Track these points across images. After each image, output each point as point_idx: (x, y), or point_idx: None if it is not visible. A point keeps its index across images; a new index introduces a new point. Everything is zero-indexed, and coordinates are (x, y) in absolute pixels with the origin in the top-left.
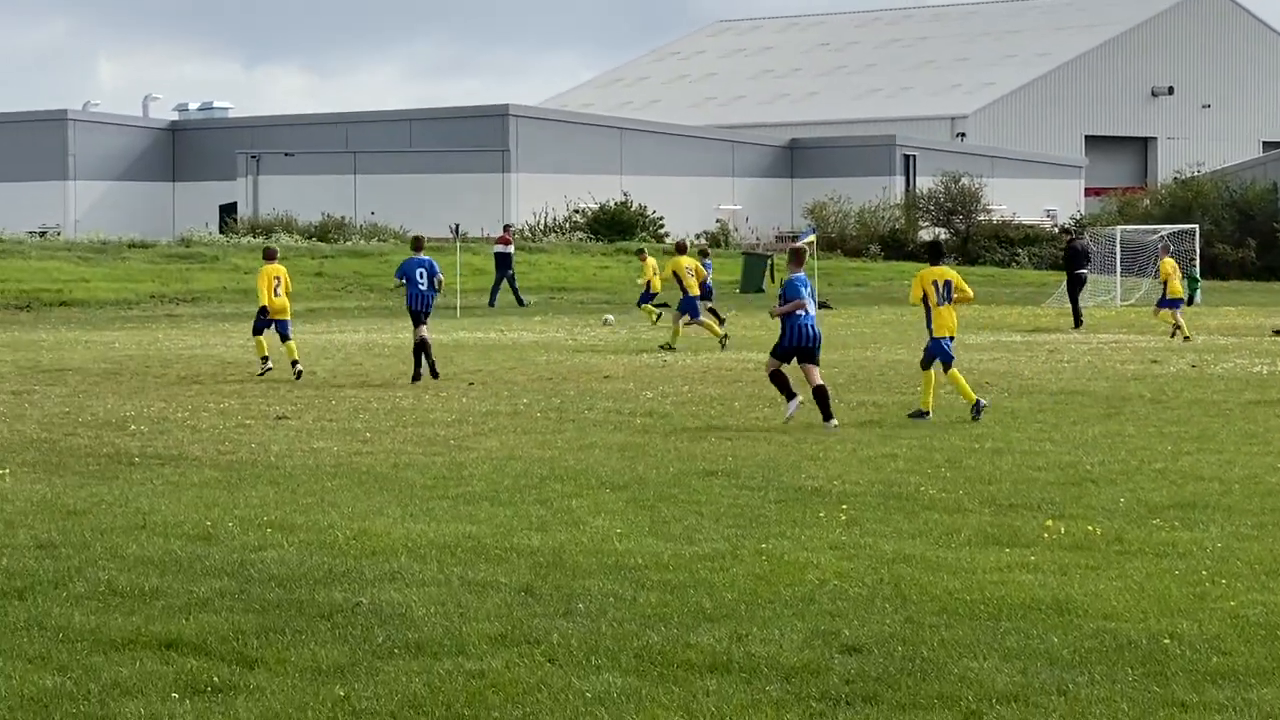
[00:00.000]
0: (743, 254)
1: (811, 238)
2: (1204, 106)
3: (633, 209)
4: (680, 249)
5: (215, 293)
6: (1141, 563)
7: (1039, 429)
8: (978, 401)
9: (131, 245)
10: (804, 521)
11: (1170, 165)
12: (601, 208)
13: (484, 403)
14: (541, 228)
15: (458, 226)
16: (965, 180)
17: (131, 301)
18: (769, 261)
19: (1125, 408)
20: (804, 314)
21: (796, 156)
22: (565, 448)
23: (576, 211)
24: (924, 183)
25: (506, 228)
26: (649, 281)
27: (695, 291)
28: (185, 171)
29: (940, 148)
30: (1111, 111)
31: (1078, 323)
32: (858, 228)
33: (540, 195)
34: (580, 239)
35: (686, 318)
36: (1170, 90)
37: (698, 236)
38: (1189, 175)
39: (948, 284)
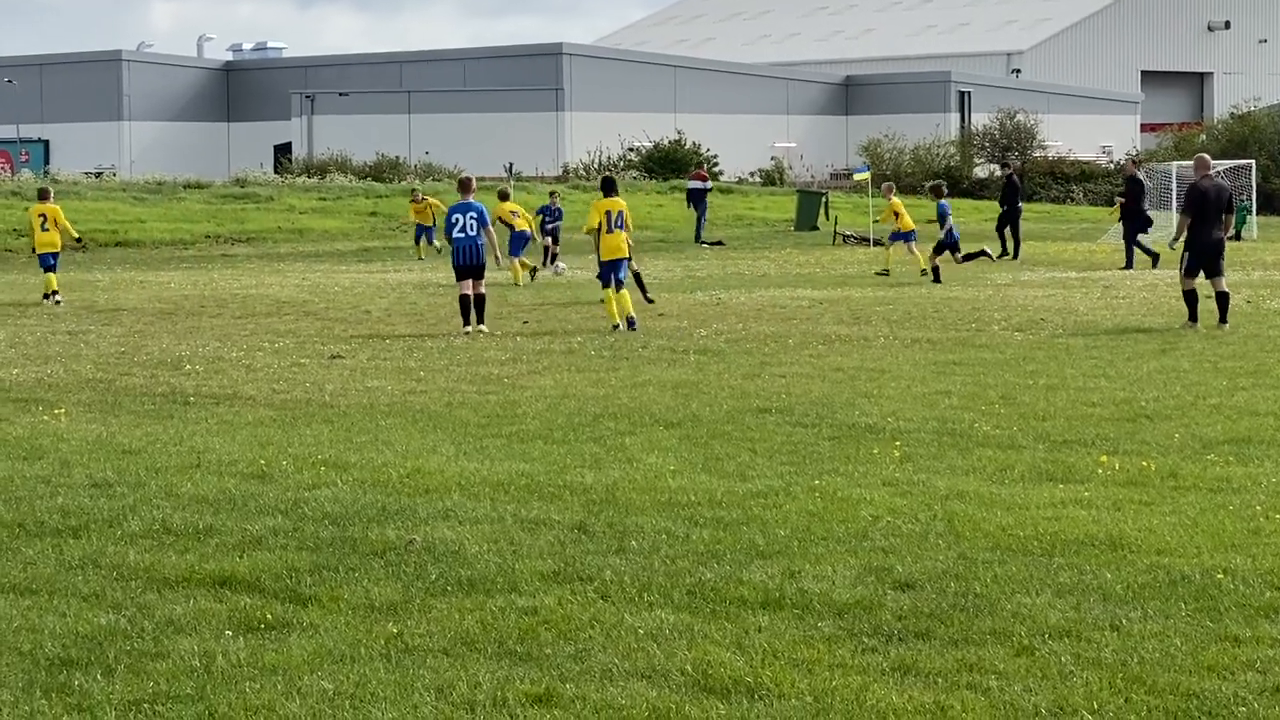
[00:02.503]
0: (797, 191)
1: (865, 174)
2: (1260, 41)
3: (687, 147)
4: (502, 196)
5: (270, 233)
6: (1196, 498)
7: (1094, 365)
8: (617, 326)
9: (187, 186)
10: (857, 458)
11: (1226, 100)
12: (656, 146)
13: (537, 341)
14: (595, 166)
15: (511, 165)
16: (1020, 117)
17: (187, 242)
18: (824, 199)
19: (1180, 343)
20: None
21: (851, 94)
22: (619, 385)
23: (631, 150)
24: (979, 119)
25: (699, 165)
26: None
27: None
28: (240, 112)
29: (995, 84)
30: (1168, 46)
31: (1129, 264)
32: (912, 165)
33: (594, 134)
34: (635, 178)
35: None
36: (1227, 25)
37: (750, 174)
38: (1245, 110)
39: (620, 214)
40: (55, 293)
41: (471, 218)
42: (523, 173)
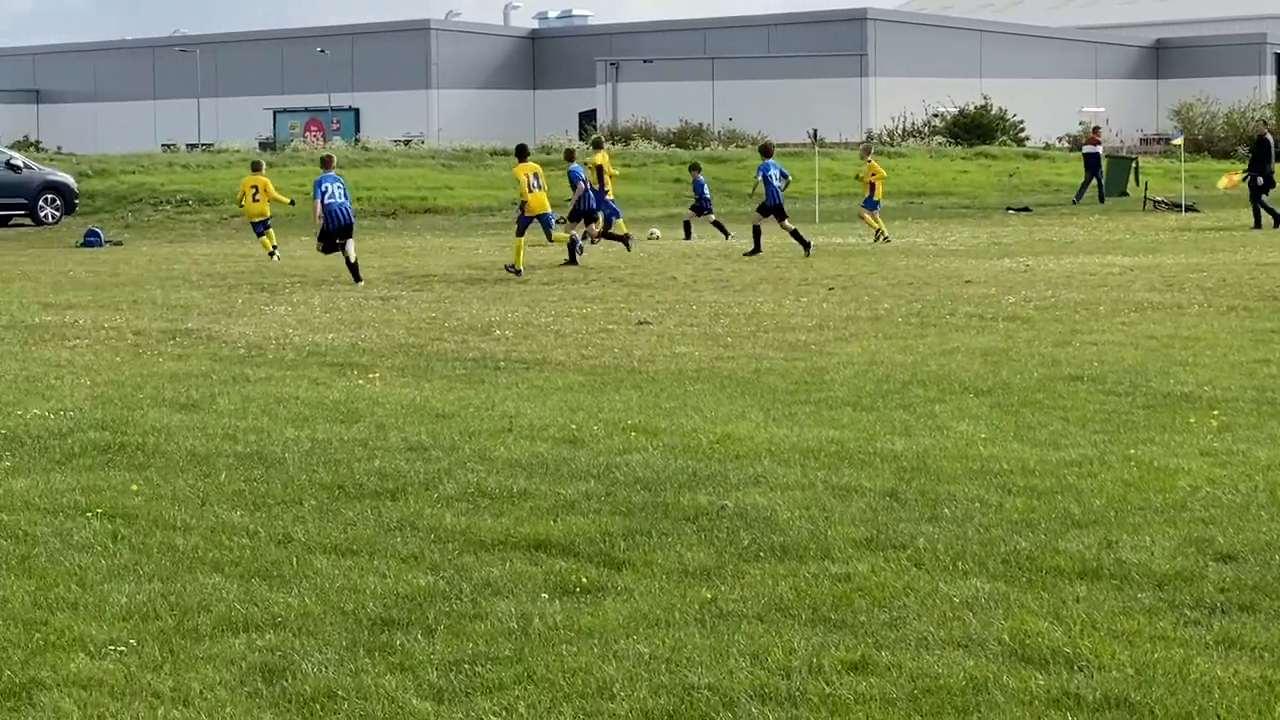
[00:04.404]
0: (1106, 157)
1: (1179, 140)
2: None
3: (992, 113)
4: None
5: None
6: None
7: None
8: (519, 270)
9: (493, 153)
10: (1173, 427)
11: None
12: (961, 111)
13: (844, 308)
14: (900, 132)
15: (815, 132)
16: None
17: (494, 208)
18: (1134, 164)
19: None
20: None
21: (1162, 57)
22: (927, 353)
23: (935, 115)
24: None
25: (1096, 129)
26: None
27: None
28: (545, 79)
29: None
30: None
31: (1257, 223)
32: (1226, 129)
33: (898, 100)
34: (939, 143)
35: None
36: None
37: (1057, 139)
38: None
39: (537, 175)
40: (275, 249)
41: (339, 186)
42: (826, 139)
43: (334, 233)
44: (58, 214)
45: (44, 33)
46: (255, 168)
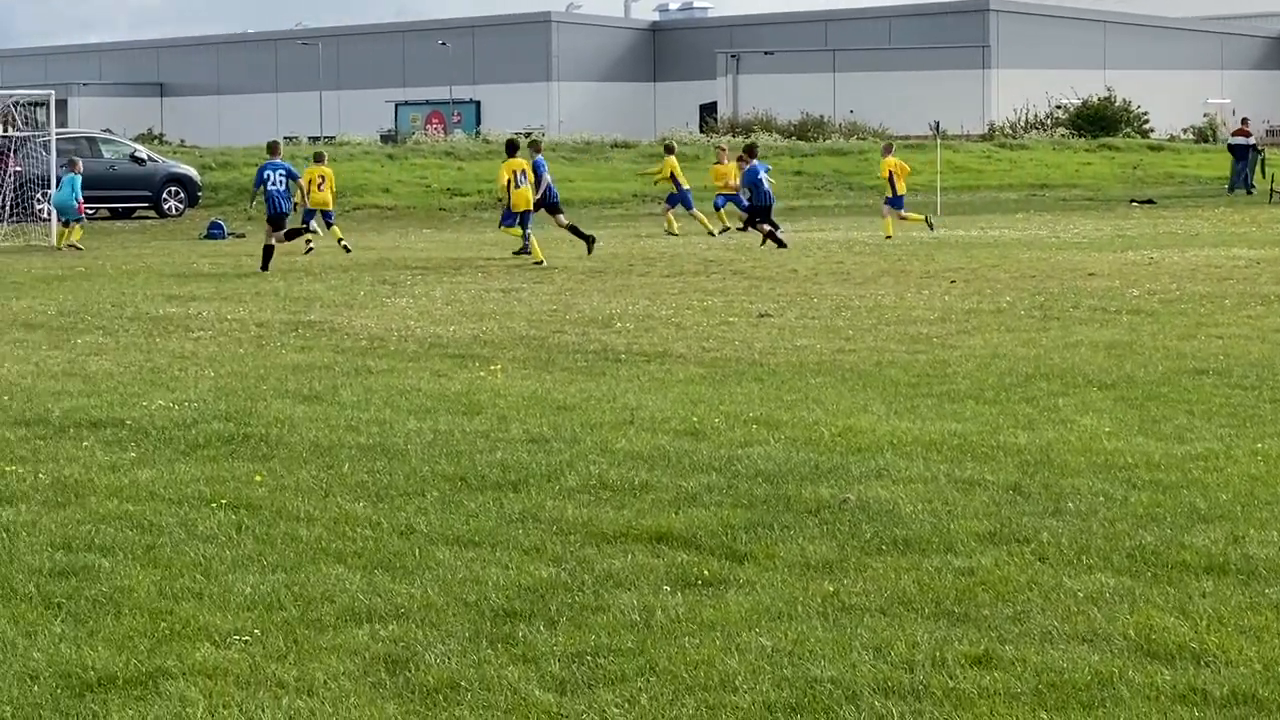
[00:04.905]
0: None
1: None
2: None
3: (1116, 104)
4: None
5: (694, 191)
6: None
7: None
8: (523, 248)
9: (614, 145)
10: None
11: None
12: (1084, 103)
13: (966, 301)
14: (1022, 124)
15: (938, 124)
16: None
17: (615, 201)
18: (1260, 156)
19: None
20: None
21: None
22: (1050, 346)
23: (1059, 107)
24: None
25: (1244, 120)
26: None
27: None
28: (666, 71)
29: None
30: None
31: None
32: None
33: (1021, 91)
34: (1062, 135)
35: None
36: None
37: (1182, 131)
38: None
39: (523, 173)
40: (342, 239)
41: (280, 174)
42: (948, 131)
43: (272, 219)
44: (181, 206)
45: (168, 26)
46: (318, 159)
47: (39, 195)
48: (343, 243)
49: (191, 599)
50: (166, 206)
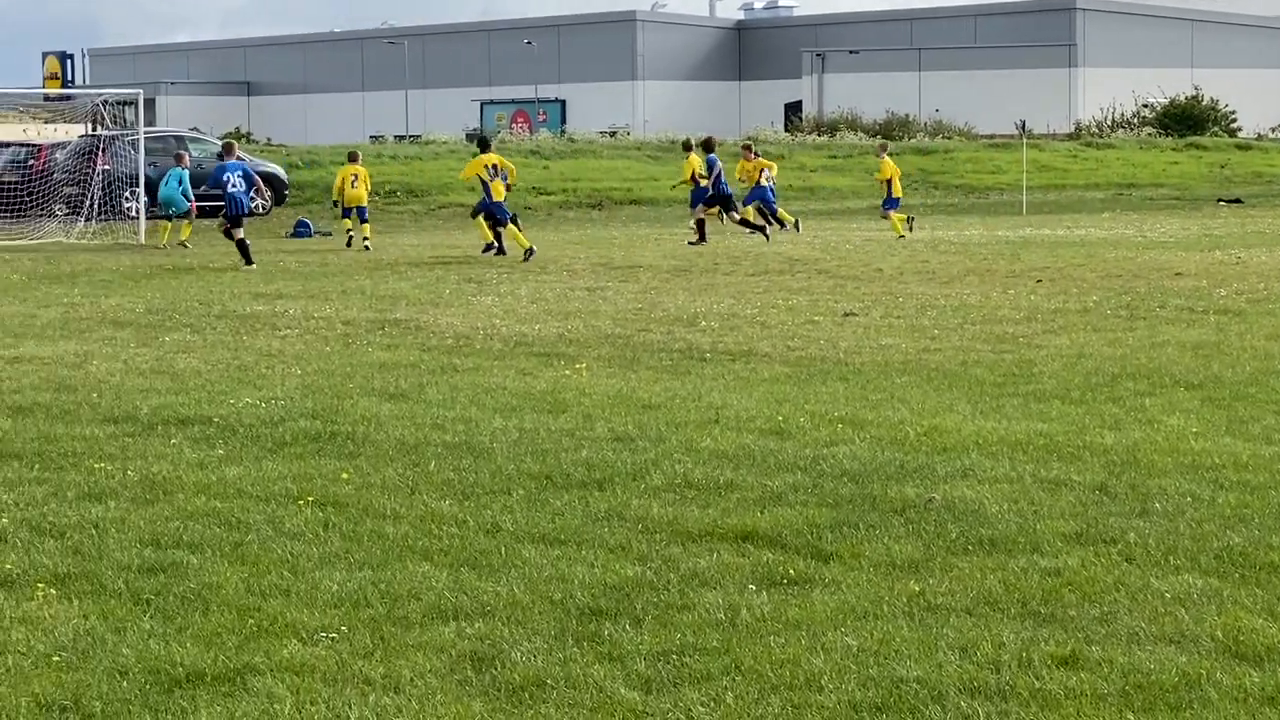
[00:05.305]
0: None
1: None
2: None
3: (1204, 103)
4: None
5: (781, 191)
6: None
7: None
8: (531, 250)
9: None
10: None
11: None
12: (1171, 102)
13: (1052, 300)
14: (1109, 123)
15: (1024, 123)
16: None
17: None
18: None
19: None
20: None
21: None
22: (1137, 345)
23: (1145, 106)
24: None
25: None
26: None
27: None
28: (751, 70)
29: None
30: None
31: None
32: None
33: (1107, 90)
34: (1149, 134)
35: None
36: None
37: (1271, 130)
38: None
39: (496, 166)
40: (366, 239)
41: (239, 175)
42: (1034, 130)
43: (233, 219)
44: (268, 205)
45: (254, 25)
46: (352, 158)
47: (127, 193)
48: (366, 242)
49: (279, 596)
50: (253, 204)
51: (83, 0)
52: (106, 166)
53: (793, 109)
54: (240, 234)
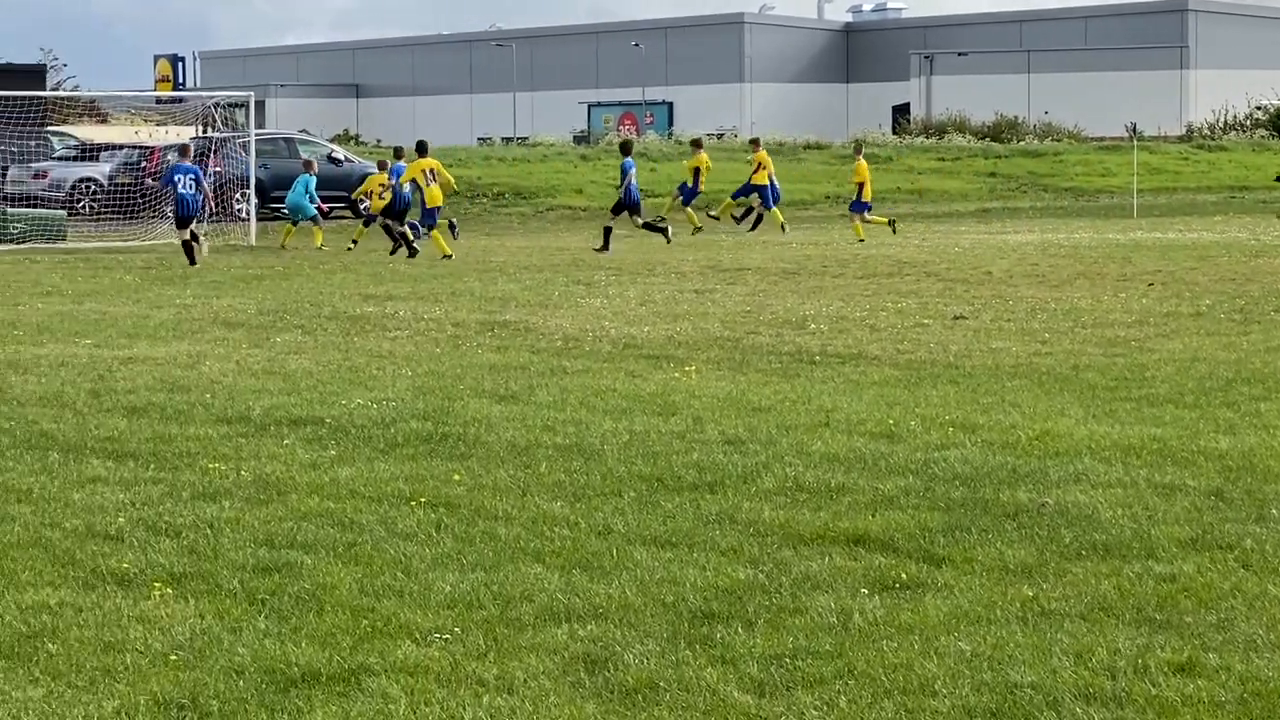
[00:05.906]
0: None
1: None
2: None
3: None
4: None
5: (889, 193)
6: None
7: None
8: (449, 255)
9: (806, 147)
10: None
11: None
12: None
13: (1164, 304)
14: (1221, 126)
15: (1134, 125)
16: None
17: (807, 202)
18: None
19: None
20: None
21: None
22: (1251, 350)
23: (1258, 108)
24: None
25: None
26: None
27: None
28: (859, 72)
29: None
30: None
31: None
32: None
33: (1220, 93)
34: (1262, 137)
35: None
36: None
37: None
38: None
39: (433, 171)
40: (414, 241)
41: (190, 178)
42: (1145, 132)
43: (181, 219)
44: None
45: (363, 27)
46: (421, 149)
47: (238, 195)
48: (414, 245)
49: (392, 597)
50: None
51: (194, 3)
52: (218, 168)
53: (900, 111)
54: (186, 235)
